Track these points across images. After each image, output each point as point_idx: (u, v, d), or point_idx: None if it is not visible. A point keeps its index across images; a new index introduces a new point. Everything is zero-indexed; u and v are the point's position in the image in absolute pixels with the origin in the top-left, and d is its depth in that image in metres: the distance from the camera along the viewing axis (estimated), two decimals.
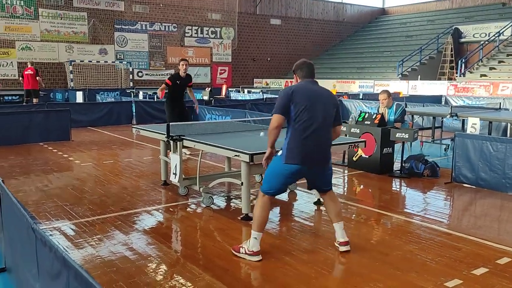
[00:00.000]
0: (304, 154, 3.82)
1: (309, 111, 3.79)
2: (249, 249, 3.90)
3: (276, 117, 3.80)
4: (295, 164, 3.83)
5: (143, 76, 25.80)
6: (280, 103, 3.82)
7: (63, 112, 10.98)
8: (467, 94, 18.97)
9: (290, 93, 3.81)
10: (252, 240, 3.90)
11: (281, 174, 3.90)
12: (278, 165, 3.89)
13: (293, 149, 3.82)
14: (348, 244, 4.08)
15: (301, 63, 4.04)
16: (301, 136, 3.80)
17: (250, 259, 3.87)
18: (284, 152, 3.85)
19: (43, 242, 2.27)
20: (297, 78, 4.02)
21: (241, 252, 3.94)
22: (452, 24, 26.65)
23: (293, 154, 3.82)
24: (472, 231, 4.70)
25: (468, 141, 6.44)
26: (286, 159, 3.83)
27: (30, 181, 6.74)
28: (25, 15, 21.81)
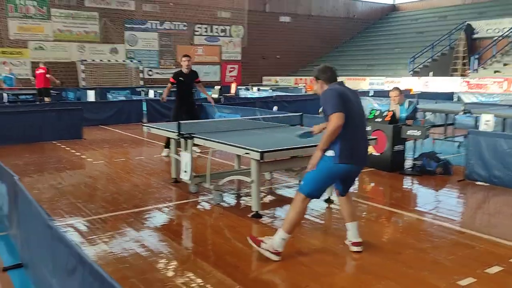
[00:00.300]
0: (357, 153, 3.81)
1: (355, 111, 3.78)
2: (274, 248, 3.80)
3: (338, 115, 3.61)
4: (349, 164, 3.74)
5: (153, 74, 25.91)
6: (336, 101, 3.66)
7: (75, 111, 11.09)
8: (480, 90, 18.75)
9: (339, 92, 3.72)
10: (279, 240, 3.81)
11: (331, 175, 3.80)
12: (329, 166, 3.74)
13: (347, 149, 3.71)
14: (361, 245, 4.04)
15: (323, 68, 3.96)
16: (353, 135, 3.74)
17: (270, 257, 3.80)
18: (337, 153, 3.70)
19: (58, 239, 2.31)
20: (322, 83, 3.90)
21: (262, 247, 3.83)
22: (464, 20, 26.34)
23: (347, 154, 3.71)
24: (486, 229, 4.65)
25: (481, 138, 6.37)
26: (340, 159, 3.70)
27: (44, 178, 6.83)
28: (38, 15, 22.04)
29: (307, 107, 14.24)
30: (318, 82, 3.95)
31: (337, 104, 3.65)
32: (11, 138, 9.83)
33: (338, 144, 3.70)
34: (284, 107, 14.43)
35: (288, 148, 5.09)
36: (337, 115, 3.62)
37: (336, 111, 3.63)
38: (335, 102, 3.67)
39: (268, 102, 14.41)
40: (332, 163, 3.73)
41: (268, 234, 4.52)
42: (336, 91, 3.74)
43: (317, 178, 3.80)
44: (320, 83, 3.93)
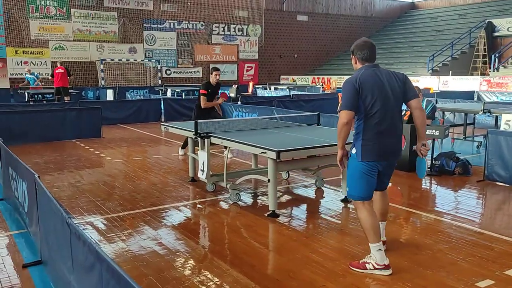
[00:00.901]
0: (381, 149, 3.55)
1: (379, 102, 3.47)
2: (378, 263, 3.57)
3: (344, 114, 3.47)
4: (372, 161, 3.56)
5: (171, 74, 26.09)
6: (347, 97, 3.47)
7: (94, 110, 11.27)
8: (501, 89, 18.37)
9: (356, 86, 3.47)
10: (377, 253, 3.57)
11: (362, 173, 3.58)
12: (356, 164, 3.61)
13: (368, 145, 3.52)
14: (384, 244, 3.94)
15: (361, 44, 3.63)
16: (375, 130, 3.50)
17: (381, 274, 3.56)
18: (359, 150, 3.55)
19: (77, 236, 2.35)
20: (356, 60, 3.65)
21: (369, 268, 3.60)
22: (485, 17, 25.83)
23: (368, 150, 3.53)
24: (505, 230, 4.58)
25: (501, 138, 6.26)
26: (362, 157, 3.54)
27: (64, 177, 6.96)
28: (58, 15, 22.41)
29: (325, 106, 14.18)
30: (353, 57, 3.69)
31: (347, 101, 3.48)
32: (32, 136, 10.05)
33: (358, 141, 3.57)
34: (301, 106, 14.39)
35: (305, 148, 5.09)
36: (343, 112, 3.49)
37: (344, 108, 3.48)
38: (347, 97, 3.50)
39: (284, 101, 14.38)
40: (356, 161, 3.60)
41: (284, 233, 4.54)
42: (353, 84, 3.49)
43: (354, 180, 3.64)
44: (354, 58, 3.68)
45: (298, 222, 5.02)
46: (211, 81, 8.02)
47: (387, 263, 3.59)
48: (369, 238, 3.61)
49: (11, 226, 4.83)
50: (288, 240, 4.36)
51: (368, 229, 3.59)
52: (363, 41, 3.67)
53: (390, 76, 3.62)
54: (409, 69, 24.71)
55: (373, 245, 3.59)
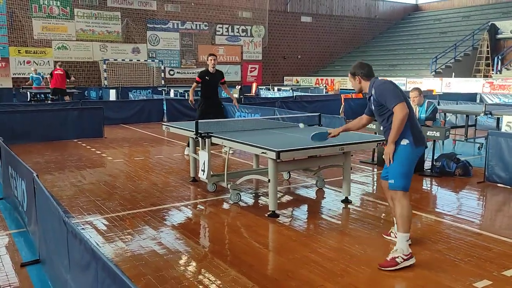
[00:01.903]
0: (423, 135, 3.95)
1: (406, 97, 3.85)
2: (405, 253, 3.71)
3: (403, 105, 3.70)
4: (423, 146, 3.88)
5: (175, 74, 26.16)
6: (396, 92, 3.77)
7: (96, 110, 11.30)
8: (504, 91, 18.33)
9: (392, 83, 3.87)
10: (405, 243, 3.74)
11: (414, 161, 3.86)
12: (409, 153, 3.81)
13: (416, 133, 3.82)
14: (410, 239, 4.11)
15: (360, 64, 4.04)
16: (415, 120, 3.87)
17: (409, 264, 3.69)
18: (411, 138, 3.78)
19: (73, 235, 2.36)
20: (360, 79, 4.00)
21: (399, 262, 3.67)
22: (488, 20, 25.79)
23: (419, 137, 3.83)
24: (505, 231, 4.57)
25: (502, 140, 6.25)
26: (416, 143, 3.80)
27: (65, 176, 6.98)
28: (61, 15, 22.50)
29: (327, 108, 14.19)
30: (355, 78, 4.02)
31: (399, 94, 3.75)
32: (34, 136, 10.10)
33: (408, 130, 3.78)
34: (304, 107, 14.40)
35: (305, 148, 5.08)
36: (403, 105, 3.70)
37: (400, 101, 3.71)
38: (397, 92, 3.77)
39: (287, 102, 14.38)
40: (410, 150, 3.79)
41: (284, 233, 4.55)
42: (391, 82, 3.86)
43: (404, 170, 3.81)
44: (358, 78, 4.01)
45: (298, 222, 5.02)
46: (209, 68, 7.91)
47: (411, 251, 3.76)
48: (404, 228, 3.78)
49: (10, 225, 4.86)
50: (287, 240, 4.36)
51: (407, 220, 3.78)
52: (359, 62, 4.08)
53: None
54: (412, 70, 24.69)
55: (405, 235, 3.77)
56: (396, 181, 3.82)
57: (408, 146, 3.78)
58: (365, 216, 5.11)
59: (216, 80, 8.13)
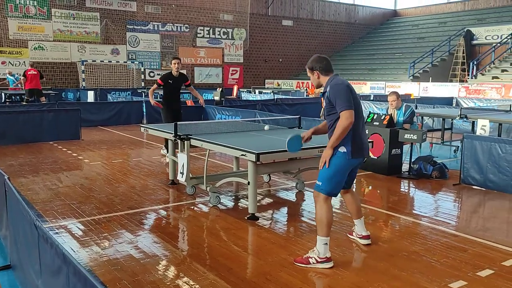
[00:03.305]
0: (365, 146, 3.87)
1: (358, 105, 3.79)
2: (320, 256, 3.74)
3: (350, 113, 3.60)
4: (360, 157, 3.81)
5: (155, 76, 25.91)
6: (347, 98, 3.64)
7: (73, 112, 11.09)
8: (479, 96, 18.76)
9: (349, 87, 3.74)
10: (323, 246, 3.76)
11: (346, 170, 3.81)
12: (343, 162, 3.74)
13: (358, 143, 3.76)
14: (369, 237, 4.29)
15: (318, 58, 3.90)
16: (360, 129, 3.80)
17: (323, 267, 3.72)
18: (349, 148, 3.71)
19: (44, 239, 2.29)
20: (318, 74, 3.86)
21: (312, 262, 3.75)
22: (464, 26, 26.39)
23: (358, 148, 3.77)
24: (480, 233, 4.65)
25: (476, 143, 6.37)
26: (353, 154, 3.72)
27: (39, 179, 6.82)
28: (38, 15, 22.08)
29: (308, 110, 14.25)
30: (314, 73, 3.89)
31: (348, 100, 3.64)
32: (8, 138, 9.85)
33: (349, 139, 3.71)
34: (285, 110, 14.45)
35: (285, 150, 5.07)
36: (349, 113, 3.61)
37: (349, 108, 3.62)
38: (347, 97, 3.65)
39: (268, 105, 14.42)
40: (345, 159, 3.73)
41: (263, 236, 4.53)
42: (347, 86, 3.73)
43: (333, 176, 3.76)
44: (316, 73, 3.88)
45: (278, 225, 5.01)
46: (172, 72, 7.90)
47: (329, 255, 3.79)
48: (321, 232, 3.78)
49: None
50: (266, 243, 4.35)
51: (324, 224, 3.77)
52: (317, 56, 3.93)
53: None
54: (391, 75, 25.05)
55: (323, 238, 3.77)
56: (323, 184, 3.79)
57: (345, 155, 3.73)
58: (344, 218, 5.13)
59: (179, 84, 8.10)
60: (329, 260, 3.77)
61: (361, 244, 4.27)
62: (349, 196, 4.24)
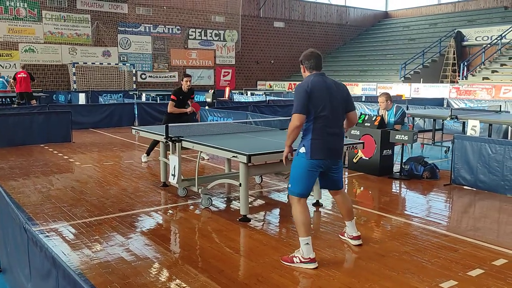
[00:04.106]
0: (327, 148, 3.85)
1: (327, 106, 3.79)
2: (304, 256, 3.78)
3: (297, 117, 3.73)
4: (320, 159, 3.83)
5: (147, 78, 25.84)
6: (300, 102, 3.74)
7: (64, 114, 11.02)
8: (469, 97, 18.91)
9: (308, 90, 3.75)
10: (305, 247, 3.78)
11: (308, 171, 3.85)
12: (304, 163, 3.84)
13: (316, 143, 3.80)
14: (360, 238, 4.29)
15: (309, 54, 3.95)
16: (323, 131, 3.80)
17: (306, 267, 3.75)
18: (308, 149, 3.80)
19: (34, 242, 2.28)
20: (304, 69, 3.97)
21: (296, 262, 3.80)
22: (454, 27, 26.59)
23: (317, 148, 3.80)
24: (470, 232, 4.68)
25: (467, 143, 6.42)
26: (311, 154, 3.79)
27: (30, 182, 6.77)
28: (28, 17, 21.91)
29: None
30: (302, 67, 4.01)
31: (300, 105, 3.73)
32: None
33: (308, 140, 3.82)
34: (277, 111, 14.47)
35: (277, 152, 5.08)
36: (296, 116, 3.74)
37: (295, 111, 3.74)
38: (299, 101, 3.75)
39: (260, 106, 14.43)
40: (304, 159, 3.84)
41: (255, 237, 4.53)
42: (305, 89, 3.76)
43: (298, 177, 3.89)
44: (303, 67, 3.99)
45: (270, 226, 5.01)
46: (182, 87, 8.06)
47: (313, 256, 3.80)
48: (299, 233, 3.85)
49: None
50: (258, 245, 4.35)
51: (299, 224, 3.84)
52: (310, 52, 3.98)
53: (335, 85, 3.97)
54: (382, 76, 25.18)
55: (302, 239, 3.82)
56: (292, 186, 3.92)
57: (303, 155, 3.83)
58: (336, 219, 5.15)
59: (186, 99, 8.24)
60: (313, 261, 3.78)
61: (352, 244, 4.29)
62: (338, 197, 4.26)
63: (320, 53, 4.04)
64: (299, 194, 3.88)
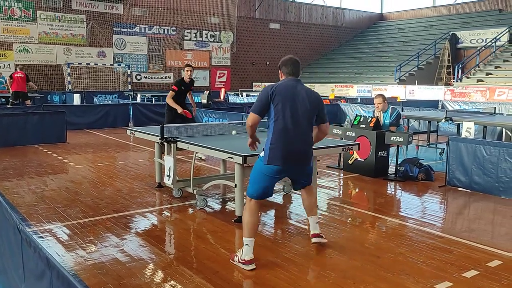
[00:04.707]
0: (285, 154, 3.79)
1: (289, 111, 3.76)
2: (241, 258, 3.79)
3: (251, 116, 3.81)
4: (276, 165, 3.80)
5: (142, 79, 25.79)
6: (258, 102, 3.81)
7: (58, 114, 10.96)
8: (464, 99, 19.02)
9: (270, 92, 3.77)
10: (244, 248, 3.78)
11: (264, 175, 3.86)
12: (261, 167, 3.88)
13: (274, 149, 3.79)
14: (318, 236, 4.19)
15: (286, 60, 3.94)
16: (282, 136, 3.77)
17: (243, 268, 3.76)
18: (266, 153, 3.81)
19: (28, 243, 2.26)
20: (282, 74, 3.97)
21: (235, 260, 3.85)
22: (449, 29, 26.74)
23: (274, 155, 3.78)
24: (465, 234, 4.70)
25: (461, 145, 6.45)
26: (268, 160, 3.80)
27: (24, 183, 6.72)
28: (23, 17, 21.82)
29: None
30: (280, 72, 4.02)
31: (257, 105, 3.81)
32: None
33: (267, 145, 3.84)
34: None
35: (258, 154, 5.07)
36: (251, 115, 3.82)
37: (253, 111, 3.81)
38: (258, 102, 3.83)
39: None
40: (261, 163, 3.88)
41: None
42: (267, 91, 3.80)
43: (254, 179, 3.93)
44: (280, 73, 4.01)
45: (265, 227, 5.00)
46: (185, 78, 8.03)
47: (248, 258, 3.77)
48: (243, 232, 3.88)
49: None
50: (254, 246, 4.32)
51: (246, 224, 3.86)
52: (288, 57, 3.97)
53: (307, 92, 3.92)
54: (378, 78, 25.28)
55: (245, 239, 3.84)
56: (248, 186, 3.97)
57: (261, 159, 3.88)
58: (332, 220, 5.15)
59: (188, 89, 8.25)
60: (250, 262, 3.75)
61: (312, 242, 4.22)
62: (303, 191, 4.23)
63: (299, 60, 4.00)
64: (252, 195, 3.91)
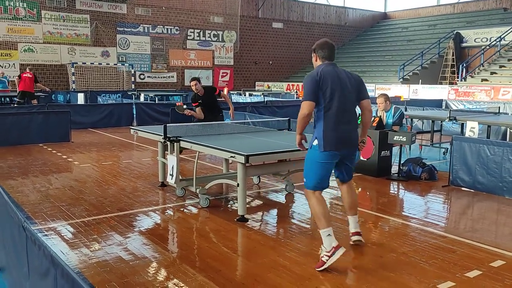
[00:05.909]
0: (339, 138, 3.81)
1: (337, 96, 3.76)
2: (328, 250, 3.69)
3: (307, 104, 3.73)
4: (332, 150, 3.80)
5: (145, 78, 25.82)
6: (309, 89, 3.74)
7: (63, 114, 11.02)
8: (468, 98, 18.93)
9: (317, 79, 3.74)
10: (327, 239, 3.73)
11: (321, 164, 3.83)
12: (316, 155, 3.84)
13: (328, 136, 3.77)
14: (359, 234, 4.22)
15: (323, 43, 3.93)
16: (334, 121, 3.77)
17: (336, 257, 3.66)
18: (321, 141, 3.78)
19: (32, 241, 2.28)
20: (316, 57, 3.95)
21: (325, 260, 3.70)
22: (453, 28, 26.62)
23: (329, 140, 3.77)
24: (468, 234, 4.70)
25: (465, 145, 6.44)
26: (324, 146, 3.77)
27: (28, 181, 6.76)
28: (28, 17, 21.89)
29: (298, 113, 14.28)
30: (314, 55, 3.98)
31: (309, 92, 3.74)
32: None
33: (320, 132, 3.81)
34: (275, 112, 14.48)
35: (274, 152, 5.10)
36: (305, 104, 3.75)
37: (306, 99, 3.75)
38: (309, 89, 3.76)
39: (258, 107, 14.44)
40: (317, 152, 3.83)
41: (253, 238, 4.54)
42: (314, 78, 3.76)
43: (311, 170, 3.88)
44: (315, 56, 3.97)
45: (267, 226, 5.02)
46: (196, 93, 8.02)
47: (335, 244, 3.71)
48: (319, 225, 3.82)
49: None
50: (256, 245, 4.35)
51: (318, 217, 3.81)
52: (324, 41, 3.96)
53: (347, 75, 3.95)
54: (381, 77, 25.20)
55: (323, 231, 3.78)
56: (306, 180, 3.93)
57: (316, 147, 3.84)
58: (333, 219, 5.14)
59: (210, 99, 8.12)
60: (337, 248, 3.68)
61: (352, 241, 4.24)
62: (345, 187, 4.20)
63: (334, 44, 3.98)
64: (313, 187, 3.86)
